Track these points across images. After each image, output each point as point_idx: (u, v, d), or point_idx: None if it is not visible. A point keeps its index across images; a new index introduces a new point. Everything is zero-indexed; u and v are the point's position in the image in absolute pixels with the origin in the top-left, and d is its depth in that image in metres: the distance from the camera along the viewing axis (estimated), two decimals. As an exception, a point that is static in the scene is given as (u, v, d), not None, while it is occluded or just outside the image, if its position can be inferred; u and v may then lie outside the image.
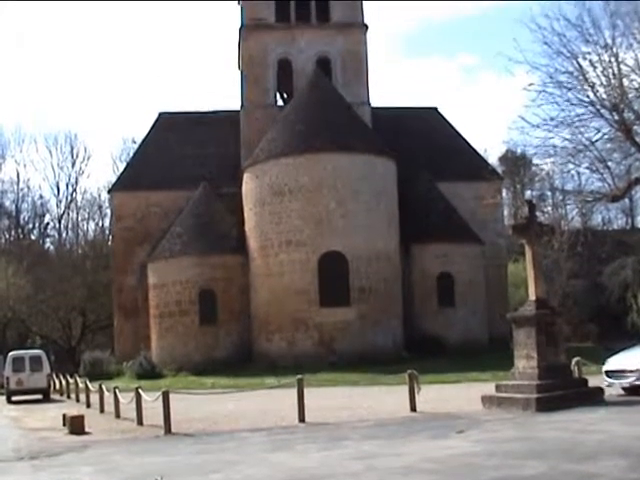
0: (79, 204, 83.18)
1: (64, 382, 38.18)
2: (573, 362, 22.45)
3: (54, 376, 40.87)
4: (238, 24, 53.26)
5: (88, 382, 30.73)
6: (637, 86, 26.05)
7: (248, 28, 52.43)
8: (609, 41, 26.45)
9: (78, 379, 34.63)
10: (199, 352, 44.69)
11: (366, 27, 52.55)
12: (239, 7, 55.29)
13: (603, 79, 26.43)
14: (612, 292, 54.10)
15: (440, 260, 46.93)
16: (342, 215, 42.86)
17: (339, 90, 49.00)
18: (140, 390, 22.05)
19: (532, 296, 20.52)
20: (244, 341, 44.87)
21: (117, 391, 24.33)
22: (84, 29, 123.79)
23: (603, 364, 22.15)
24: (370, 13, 49.78)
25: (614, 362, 21.78)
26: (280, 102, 54.68)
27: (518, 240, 24.73)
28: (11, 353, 39.49)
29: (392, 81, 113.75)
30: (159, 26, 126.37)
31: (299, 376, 20.79)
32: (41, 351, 41.40)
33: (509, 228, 43.79)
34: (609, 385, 21.28)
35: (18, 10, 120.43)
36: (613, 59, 26.23)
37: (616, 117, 25.99)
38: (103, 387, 26.94)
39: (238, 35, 53.46)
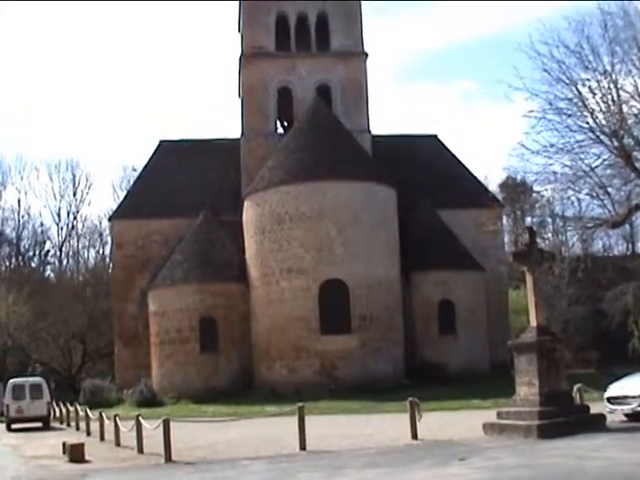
0: (80, 232, 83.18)
1: (64, 410, 38.10)
2: (575, 389, 22.40)
3: (54, 404, 40.77)
4: (238, 52, 53.56)
5: (88, 410, 30.65)
6: (636, 112, 26.09)
7: (248, 56, 52.70)
8: (608, 68, 26.52)
9: (78, 407, 34.52)
10: (200, 380, 44.58)
11: (366, 55, 52.83)
12: (239, 35, 55.66)
13: (602, 105, 26.47)
14: (613, 318, 54.01)
15: (441, 287, 46.91)
16: (343, 243, 42.86)
17: (339, 118, 49.15)
18: (140, 418, 21.99)
19: (533, 323, 20.50)
20: (245, 369, 44.76)
21: (117, 419, 24.27)
22: (86, 57, 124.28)
23: (605, 390, 22.09)
24: (369, 40, 50.20)
25: (616, 388, 21.72)
26: (280, 130, 54.84)
27: (519, 267, 24.73)
28: (11, 381, 39.40)
29: (392, 108, 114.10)
30: (160, 54, 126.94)
31: (300, 404, 20.74)
32: (41, 379, 41.28)
33: (510, 255, 43.84)
34: (611, 411, 21.22)
35: (19, 37, 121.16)
36: (612, 85, 26.29)
37: (616, 143, 26.02)
38: (103, 415, 26.87)
39: (238, 63, 53.71)
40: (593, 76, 26.74)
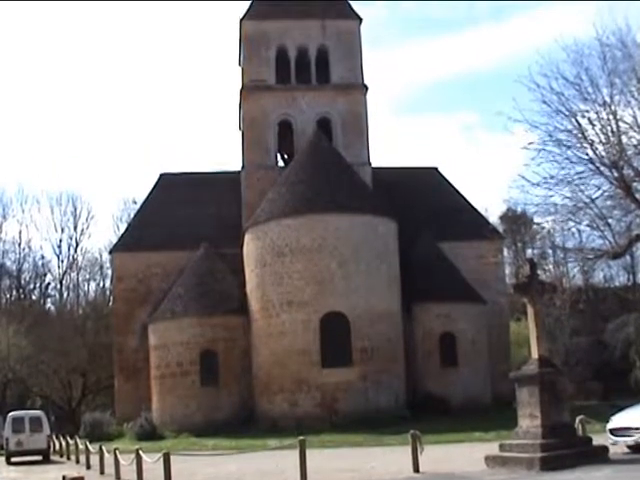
0: (80, 264, 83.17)
1: (64, 443, 37.94)
2: (577, 420, 22.30)
3: (54, 437, 40.62)
4: (239, 86, 53.79)
5: (88, 443, 30.54)
6: (636, 143, 26.18)
7: (248, 89, 52.91)
8: (607, 99, 26.65)
9: (78, 440, 34.40)
10: (200, 413, 44.40)
11: (366, 88, 53.02)
12: (240, 69, 55.92)
13: (602, 137, 26.57)
14: (615, 349, 53.91)
15: (442, 320, 46.79)
16: (343, 276, 42.79)
17: (340, 151, 49.25)
18: (141, 451, 21.88)
19: (535, 354, 20.44)
20: (246, 402, 44.57)
21: (117, 452, 24.16)
22: (88, 90, 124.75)
23: (607, 422, 22.01)
24: (369, 72, 50.50)
25: (618, 420, 21.64)
26: (281, 163, 54.93)
27: (520, 299, 24.69)
28: (11, 414, 39.29)
29: (392, 140, 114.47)
30: (161, 88, 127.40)
31: (301, 437, 20.64)
32: (41, 412, 41.18)
33: (511, 287, 43.77)
34: (614, 443, 21.12)
35: (21, 69, 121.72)
36: (611, 117, 26.40)
37: (616, 174, 26.10)
38: (103, 448, 26.75)
39: (239, 96, 53.93)
40: (592, 107, 26.87)
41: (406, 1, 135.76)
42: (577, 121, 27.21)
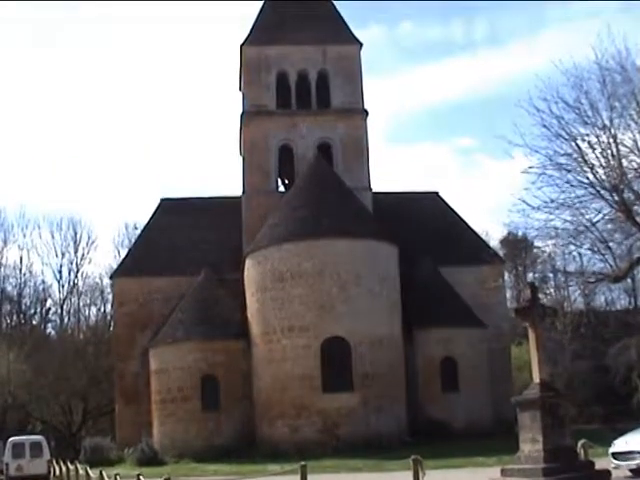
0: (81, 289, 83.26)
1: (64, 468, 37.76)
2: (579, 444, 22.22)
3: (54, 462, 40.47)
4: (239, 111, 53.97)
5: (89, 469, 30.39)
6: (636, 166, 26.23)
7: (249, 115, 53.03)
8: (607, 123, 26.72)
9: (78, 465, 34.24)
10: (201, 438, 44.24)
11: (366, 113, 53.13)
12: (240, 94, 56.10)
13: (602, 160, 26.63)
14: (617, 373, 53.77)
15: (443, 344, 46.73)
16: (344, 300, 42.75)
17: (340, 175, 49.28)
18: (141, 477, 21.80)
19: (536, 379, 20.38)
20: (246, 427, 44.39)
21: (118, 478, 24.05)
22: (89, 114, 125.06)
23: (610, 446, 21.94)
24: (369, 98, 50.68)
25: (621, 444, 21.59)
26: (281, 188, 54.96)
27: (521, 323, 24.66)
28: (11, 439, 39.21)
29: (391, 165, 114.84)
30: (161, 113, 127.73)
31: (302, 462, 20.57)
32: (41, 437, 41.11)
33: (512, 311, 43.71)
34: (616, 467, 21.08)
35: (22, 94, 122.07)
36: (611, 140, 26.47)
37: (616, 198, 26.13)
38: (104, 474, 26.62)
39: (239, 121, 54.02)
40: (592, 131, 26.95)
41: (402, 25, 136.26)
42: (577, 145, 27.28)
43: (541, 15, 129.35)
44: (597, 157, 26.82)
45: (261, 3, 56.28)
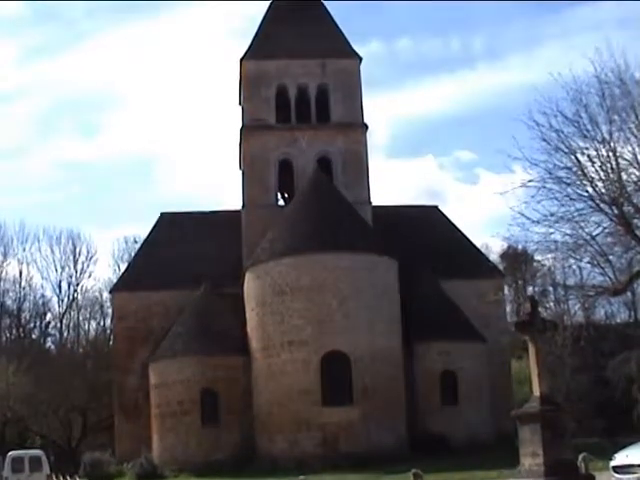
0: (80, 303, 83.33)
1: (64, 483, 37.77)
2: (580, 458, 22.17)
3: (54, 477, 40.41)
4: (239, 125, 53.98)
5: (88, 484, 30.37)
6: (636, 180, 26.24)
7: (249, 129, 53.08)
8: (606, 136, 26.75)
9: (78, 480, 34.22)
10: (201, 452, 44.16)
11: (366, 127, 53.19)
12: (240, 108, 56.15)
13: (602, 174, 26.65)
14: (617, 386, 53.66)
15: (443, 358, 46.67)
16: (344, 314, 42.72)
17: (340, 189, 49.29)
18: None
19: (536, 392, 20.34)
20: (246, 441, 44.31)
21: (118, 493, 24.07)
22: (87, 127, 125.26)
23: (610, 459, 21.90)
24: (368, 112, 50.80)
25: (621, 457, 21.56)
26: (281, 202, 55.00)
27: (521, 336, 24.63)
28: (10, 453, 39.15)
29: (390, 179, 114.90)
30: (161, 127, 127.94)
31: (302, 477, 20.56)
32: (41, 451, 41.03)
33: (512, 325, 43.66)
34: (617, 481, 21.02)
35: (23, 110, 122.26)
36: (611, 154, 26.49)
37: (616, 211, 26.14)
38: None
39: (239, 136, 54.06)
40: (592, 145, 26.97)
41: (400, 39, 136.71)
42: (577, 158, 27.29)
43: (538, 30, 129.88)
44: (596, 170, 26.84)
45: (261, 17, 56.48)
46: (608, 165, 26.55)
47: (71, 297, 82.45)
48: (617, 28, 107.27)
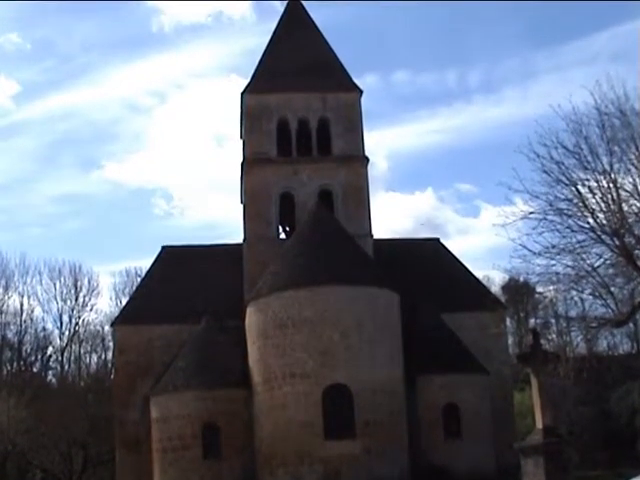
0: (82, 337, 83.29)
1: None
2: (583, 491, 22.10)
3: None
4: (240, 158, 54.15)
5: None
6: (637, 211, 26.27)
7: (250, 162, 53.19)
8: (607, 167, 26.80)
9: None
10: (203, 487, 43.96)
11: (367, 160, 53.32)
12: (241, 141, 56.34)
13: (603, 205, 26.68)
14: (620, 418, 53.56)
15: (445, 391, 46.51)
16: (346, 347, 42.63)
17: (341, 222, 49.33)
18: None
19: (539, 424, 20.32)
20: (248, 475, 44.06)
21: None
22: (88, 162, 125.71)
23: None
24: (367, 144, 51.03)
25: (625, 490, 21.46)
26: (282, 235, 55.07)
27: (524, 369, 24.59)
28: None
29: (391, 210, 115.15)
30: (162, 160, 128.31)
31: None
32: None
33: (514, 357, 43.57)
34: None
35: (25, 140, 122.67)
36: (612, 185, 26.53)
37: (617, 242, 26.14)
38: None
39: (240, 169, 54.19)
40: (592, 176, 27.03)
41: (397, 73, 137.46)
42: (577, 190, 27.33)
43: (532, 64, 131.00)
44: (597, 202, 26.87)
45: (262, 51, 56.77)
46: (609, 196, 26.58)
47: (72, 330, 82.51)
48: (610, 62, 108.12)
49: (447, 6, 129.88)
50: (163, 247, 57.85)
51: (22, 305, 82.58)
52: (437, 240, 59.03)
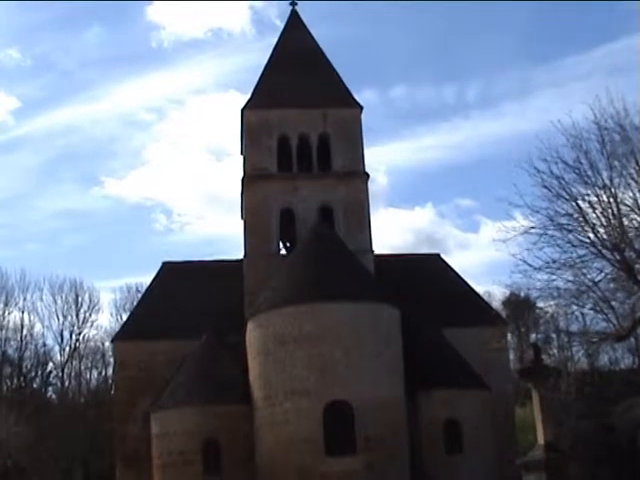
0: (82, 353, 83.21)
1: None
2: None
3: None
4: (241, 174, 54.19)
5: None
6: (637, 225, 26.31)
7: (251, 178, 53.23)
8: (607, 182, 26.87)
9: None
10: (203, 503, 43.81)
11: (367, 175, 53.36)
12: (242, 157, 56.40)
13: (603, 220, 26.73)
14: (622, 432, 53.34)
15: (446, 406, 46.35)
16: (347, 363, 42.52)
17: (342, 238, 49.30)
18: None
19: (541, 440, 20.29)
20: (249, 492, 43.99)
21: None
22: (88, 177, 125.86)
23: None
24: (367, 160, 51.06)
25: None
26: (283, 251, 55.05)
27: (525, 384, 24.54)
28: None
29: (391, 226, 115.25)
30: (162, 175, 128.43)
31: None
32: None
33: (515, 372, 43.50)
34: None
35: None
36: (612, 199, 26.60)
37: (618, 257, 26.17)
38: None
39: (241, 185, 54.22)
40: (593, 191, 27.12)
41: (395, 88, 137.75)
42: (578, 205, 27.39)
43: (530, 79, 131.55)
44: (598, 216, 26.93)
45: (262, 67, 56.91)
46: (609, 211, 26.63)
47: (73, 346, 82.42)
48: (607, 76, 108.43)
49: (445, 22, 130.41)
50: (164, 263, 57.90)
51: (22, 321, 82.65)
52: (437, 255, 59.05)
